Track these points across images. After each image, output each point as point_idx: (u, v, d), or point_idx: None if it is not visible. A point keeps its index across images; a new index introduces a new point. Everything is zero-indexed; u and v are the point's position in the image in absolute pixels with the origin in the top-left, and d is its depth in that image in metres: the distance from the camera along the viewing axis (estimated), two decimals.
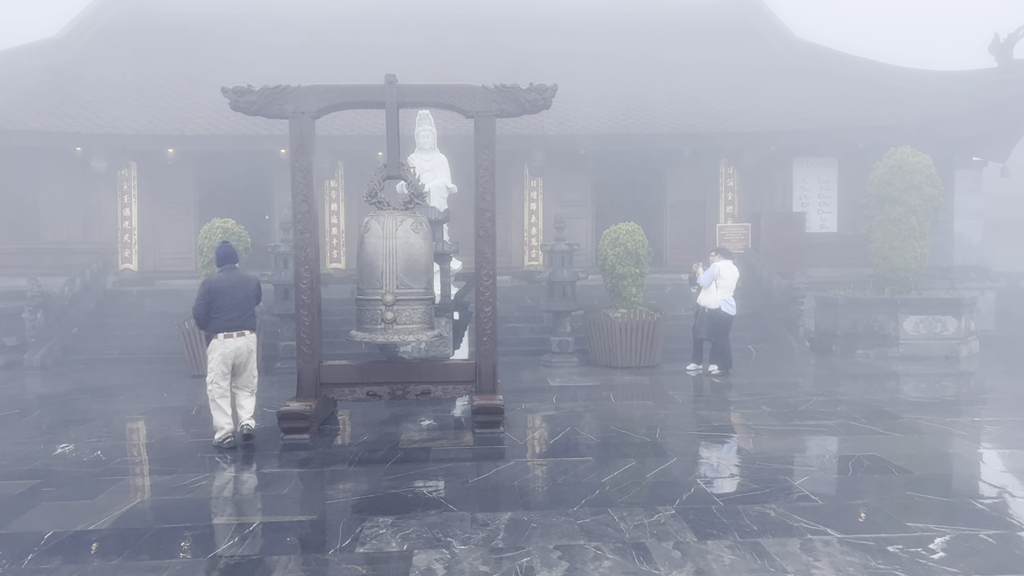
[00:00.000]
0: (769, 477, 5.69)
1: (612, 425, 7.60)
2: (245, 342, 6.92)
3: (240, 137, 15.26)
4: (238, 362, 6.93)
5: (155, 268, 16.67)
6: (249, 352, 6.97)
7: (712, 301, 10.77)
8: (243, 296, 6.93)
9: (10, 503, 5.23)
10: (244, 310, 6.92)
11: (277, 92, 7.33)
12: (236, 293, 6.88)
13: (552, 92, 7.45)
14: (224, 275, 7.00)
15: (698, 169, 17.18)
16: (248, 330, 6.95)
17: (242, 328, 6.89)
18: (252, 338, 7.00)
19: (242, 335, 6.89)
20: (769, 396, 9.16)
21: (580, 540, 4.42)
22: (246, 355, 6.95)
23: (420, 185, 7.56)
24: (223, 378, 6.85)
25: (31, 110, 15.55)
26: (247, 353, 6.95)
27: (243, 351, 6.91)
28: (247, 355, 6.96)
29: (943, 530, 4.52)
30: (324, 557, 4.22)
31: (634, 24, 21.83)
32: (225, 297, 6.82)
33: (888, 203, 13.20)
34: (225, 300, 6.82)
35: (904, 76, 17.80)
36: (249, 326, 6.96)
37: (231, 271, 7.06)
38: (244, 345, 6.91)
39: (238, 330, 6.86)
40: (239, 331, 6.87)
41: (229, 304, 6.83)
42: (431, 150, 12.01)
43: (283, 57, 18.89)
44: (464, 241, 12.01)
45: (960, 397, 9.36)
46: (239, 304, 6.88)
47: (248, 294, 6.99)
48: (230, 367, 6.88)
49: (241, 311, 6.90)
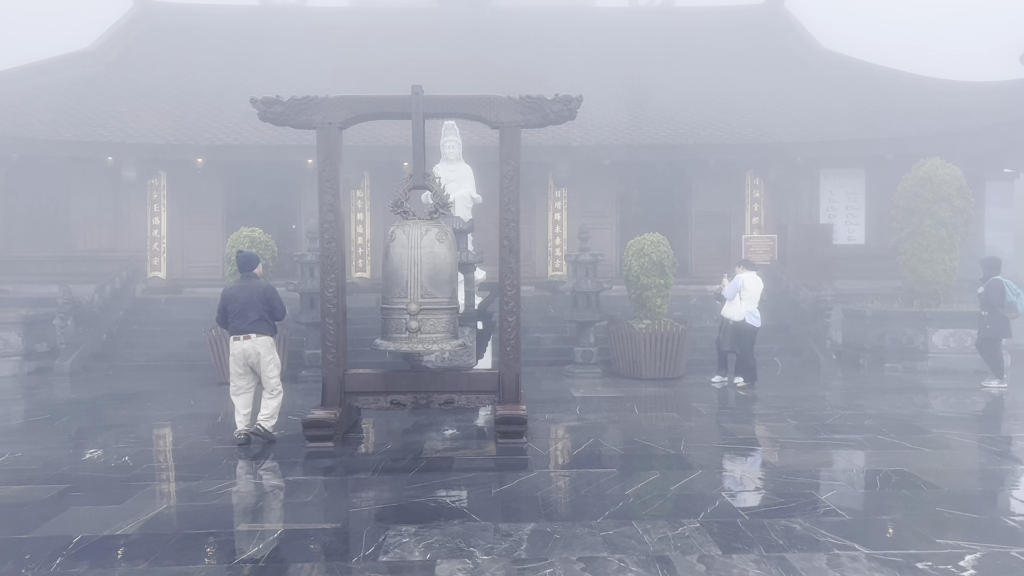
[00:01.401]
0: (795, 491, 5.62)
1: (636, 437, 7.56)
2: (251, 344, 7.28)
3: (268, 147, 15.44)
4: (251, 363, 7.34)
5: (183, 276, 16.88)
6: (257, 354, 7.32)
7: (736, 313, 10.71)
8: (251, 301, 7.30)
9: (39, 507, 5.30)
10: (252, 315, 7.29)
11: (305, 103, 7.41)
12: (245, 299, 7.30)
13: (577, 103, 7.46)
14: (238, 283, 7.55)
15: (724, 179, 17.10)
16: (255, 333, 7.29)
17: (248, 331, 7.27)
18: (260, 341, 7.34)
19: (248, 338, 7.27)
20: (795, 409, 9.07)
21: (603, 552, 4.40)
22: (255, 357, 7.32)
23: (445, 195, 7.60)
24: (238, 377, 7.36)
25: (65, 120, 15.85)
26: (255, 355, 7.32)
27: (250, 353, 7.29)
28: (255, 357, 7.32)
29: (973, 547, 4.44)
30: (347, 565, 4.23)
31: (660, 34, 21.80)
32: (235, 303, 7.32)
33: (917, 215, 13.04)
34: (235, 306, 7.31)
35: (933, 87, 17.61)
36: (256, 329, 7.31)
37: (246, 278, 7.50)
38: (251, 347, 7.28)
39: (244, 333, 7.26)
40: (245, 334, 7.27)
41: (238, 309, 7.30)
42: (456, 160, 12.07)
43: (312, 66, 19.10)
44: (488, 251, 12.04)
45: (991, 412, 9.19)
46: (247, 309, 7.28)
47: (255, 299, 7.32)
48: (243, 367, 7.35)
49: (249, 316, 7.28)
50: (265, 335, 7.36)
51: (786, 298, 14.81)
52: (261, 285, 7.46)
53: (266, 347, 7.36)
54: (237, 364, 7.33)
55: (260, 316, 7.33)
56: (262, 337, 7.33)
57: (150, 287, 16.26)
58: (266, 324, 7.38)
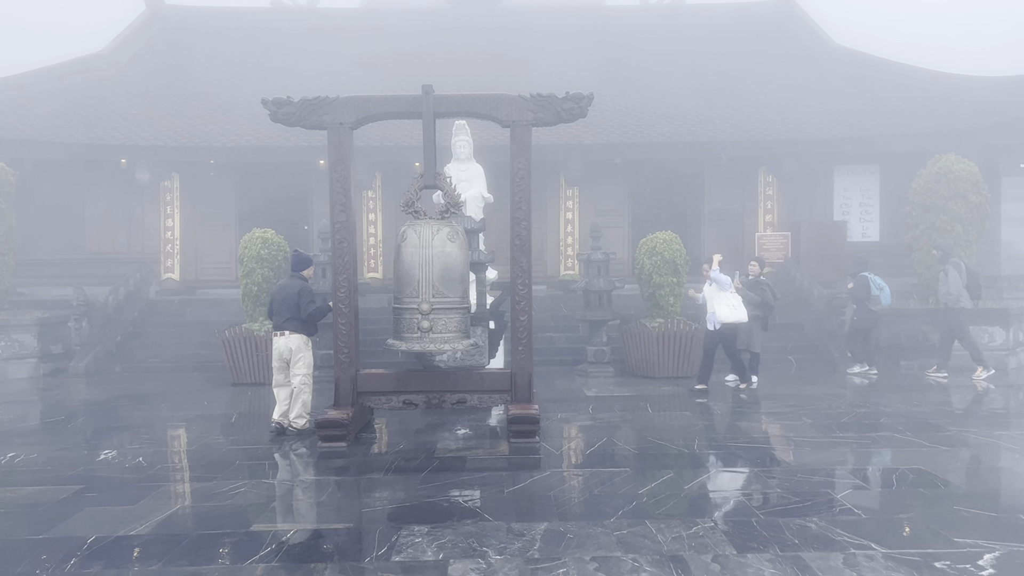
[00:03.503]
0: (810, 490, 5.57)
1: (649, 436, 7.52)
2: (284, 341, 7.74)
3: (280, 148, 15.50)
4: (285, 359, 7.78)
5: (196, 278, 16.97)
6: (288, 350, 7.74)
7: (741, 315, 10.11)
8: (286, 300, 7.73)
9: (54, 508, 5.33)
10: (285, 313, 7.71)
11: (316, 103, 7.41)
12: (282, 298, 7.75)
13: (588, 101, 7.42)
14: (282, 281, 8.09)
15: (736, 177, 17.01)
16: (288, 331, 7.72)
17: (283, 329, 7.73)
18: (292, 338, 7.74)
19: (283, 335, 7.74)
20: (810, 407, 9.00)
21: (617, 552, 4.37)
22: (287, 353, 7.75)
23: (456, 195, 7.60)
24: (277, 372, 7.82)
25: (78, 123, 15.96)
26: (287, 351, 7.74)
27: (283, 349, 7.74)
28: (288, 353, 7.75)
29: (992, 546, 4.38)
30: (360, 565, 4.22)
31: (670, 32, 21.73)
32: (275, 301, 7.86)
33: (932, 211, 12.93)
34: (275, 304, 7.85)
35: (947, 82, 17.46)
36: (289, 327, 7.72)
37: (291, 278, 7.98)
38: (283, 344, 7.74)
39: (280, 330, 7.75)
40: (281, 331, 7.75)
41: (276, 307, 7.82)
42: (467, 160, 12.05)
43: (322, 67, 19.15)
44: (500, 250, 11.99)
45: (1008, 409, 9.10)
46: (283, 308, 7.73)
47: (289, 299, 7.68)
48: (280, 363, 7.79)
49: (284, 313, 7.72)
50: (297, 333, 7.74)
51: (800, 296, 14.71)
52: (296, 285, 7.79)
53: (297, 345, 7.73)
54: (275, 359, 7.79)
55: (292, 315, 7.68)
56: (294, 335, 7.73)
57: (164, 288, 16.35)
58: (298, 323, 7.72)
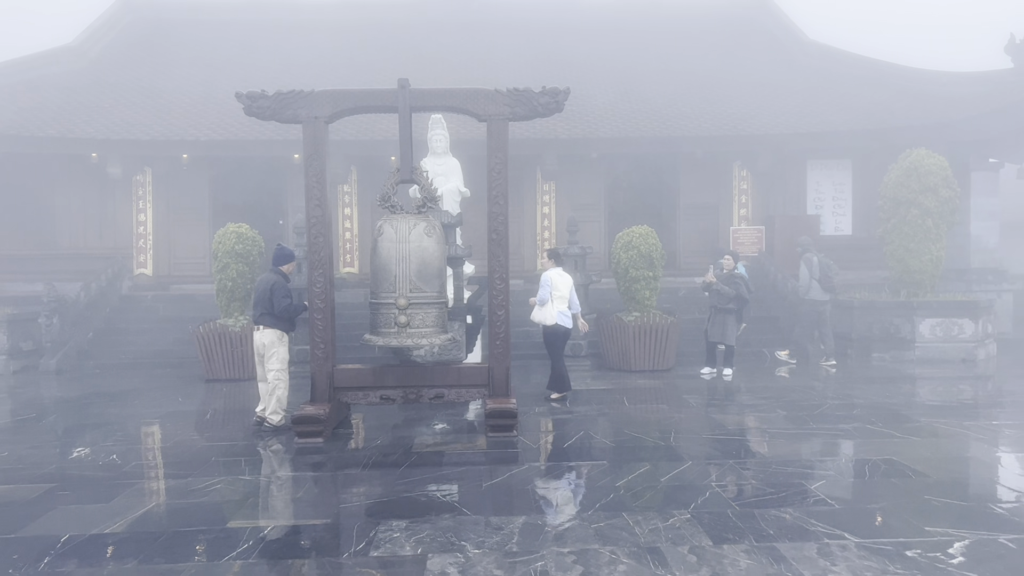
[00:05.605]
0: (785, 481, 5.64)
1: (626, 429, 7.57)
2: (259, 336, 7.71)
3: (254, 142, 15.35)
4: (261, 353, 7.73)
5: (170, 273, 16.79)
6: (263, 345, 7.70)
7: (548, 317, 9.26)
8: (261, 295, 7.67)
9: (26, 506, 5.25)
10: (260, 307, 7.67)
11: (290, 97, 7.36)
12: (259, 292, 7.70)
13: (565, 95, 7.44)
14: (262, 275, 7.95)
15: (712, 172, 17.14)
16: (263, 326, 7.67)
17: (258, 323, 7.70)
18: (266, 333, 7.68)
19: (258, 329, 7.71)
20: (784, 400, 9.10)
21: (595, 544, 4.40)
22: (262, 348, 7.71)
23: (433, 189, 7.60)
24: (258, 365, 7.82)
25: (48, 116, 15.70)
26: (262, 346, 7.70)
27: (258, 344, 7.72)
28: (262, 348, 7.71)
29: (962, 535, 4.47)
30: (338, 561, 4.21)
31: (646, 27, 21.82)
32: (254, 294, 7.82)
33: (904, 205, 13.09)
34: (254, 297, 7.83)
35: (919, 77, 17.70)
36: (263, 322, 7.68)
37: (270, 272, 7.86)
38: (259, 338, 7.71)
39: (256, 325, 7.73)
40: (256, 326, 7.73)
41: (254, 301, 7.81)
42: (444, 154, 12.03)
43: (297, 62, 18.99)
44: (477, 245, 12.02)
45: (977, 400, 9.26)
46: (258, 302, 7.69)
47: (264, 293, 7.64)
48: (259, 356, 7.76)
49: (258, 308, 7.68)
50: (271, 328, 7.66)
51: (774, 289, 14.87)
52: (270, 280, 7.71)
53: (270, 340, 7.68)
54: (256, 354, 7.80)
55: (266, 310, 7.62)
56: (268, 330, 7.67)
57: (136, 284, 16.16)
58: (272, 318, 7.65)
